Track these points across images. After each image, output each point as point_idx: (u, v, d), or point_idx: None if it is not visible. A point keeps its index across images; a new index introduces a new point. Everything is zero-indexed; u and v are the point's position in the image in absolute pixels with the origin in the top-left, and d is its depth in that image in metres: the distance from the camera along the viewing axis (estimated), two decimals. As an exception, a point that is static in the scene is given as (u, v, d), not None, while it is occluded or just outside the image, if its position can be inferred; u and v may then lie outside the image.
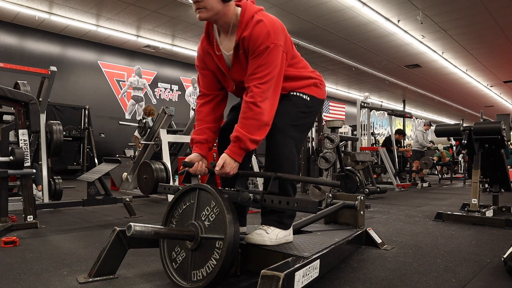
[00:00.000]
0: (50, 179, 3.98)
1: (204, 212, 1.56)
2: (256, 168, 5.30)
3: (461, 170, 11.73)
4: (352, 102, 18.17)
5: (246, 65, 1.65)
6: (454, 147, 9.92)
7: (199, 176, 1.81)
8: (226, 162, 1.57)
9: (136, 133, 6.06)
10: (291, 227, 1.73)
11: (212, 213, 1.53)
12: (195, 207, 1.59)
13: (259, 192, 1.53)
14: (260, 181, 6.41)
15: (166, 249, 1.64)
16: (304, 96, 1.76)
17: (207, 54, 1.76)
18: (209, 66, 1.79)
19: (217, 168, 1.58)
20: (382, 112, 17.35)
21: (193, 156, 1.73)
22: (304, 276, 1.35)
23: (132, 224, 1.33)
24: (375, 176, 6.80)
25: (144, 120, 5.77)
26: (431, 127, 9.38)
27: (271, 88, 1.58)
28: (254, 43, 1.57)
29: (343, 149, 7.12)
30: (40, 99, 4.05)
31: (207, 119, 1.79)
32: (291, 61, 1.73)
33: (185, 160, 1.72)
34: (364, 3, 7.58)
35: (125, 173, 5.79)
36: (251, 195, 1.53)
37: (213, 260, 1.46)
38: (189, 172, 1.73)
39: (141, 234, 1.36)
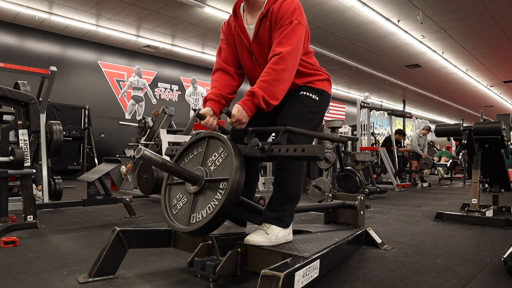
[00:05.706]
0: (50, 179, 3.98)
1: (211, 159, 1.55)
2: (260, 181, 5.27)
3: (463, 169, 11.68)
4: (352, 102, 18.16)
5: (267, 38, 1.74)
6: (453, 154, 9.85)
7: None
8: (239, 110, 1.57)
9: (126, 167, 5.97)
10: (291, 227, 1.74)
11: (219, 157, 1.52)
12: (203, 155, 1.58)
13: (267, 142, 1.52)
14: (260, 181, 6.42)
15: (168, 196, 1.64)
16: (313, 96, 1.80)
17: (231, 27, 1.85)
18: (231, 39, 1.87)
19: (232, 119, 1.57)
20: (382, 112, 17.35)
21: (206, 109, 1.71)
22: (304, 276, 1.35)
23: (142, 148, 1.34)
24: (375, 176, 6.79)
25: (144, 120, 5.78)
26: (430, 132, 9.27)
27: (293, 59, 1.65)
28: (282, 16, 1.68)
29: (343, 149, 7.12)
30: (40, 99, 4.04)
31: (221, 87, 1.80)
32: (307, 49, 1.82)
33: (199, 112, 1.69)
34: (364, 3, 7.57)
35: (123, 166, 5.76)
36: (259, 142, 1.50)
37: (215, 200, 1.44)
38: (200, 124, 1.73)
39: (149, 160, 1.35)
